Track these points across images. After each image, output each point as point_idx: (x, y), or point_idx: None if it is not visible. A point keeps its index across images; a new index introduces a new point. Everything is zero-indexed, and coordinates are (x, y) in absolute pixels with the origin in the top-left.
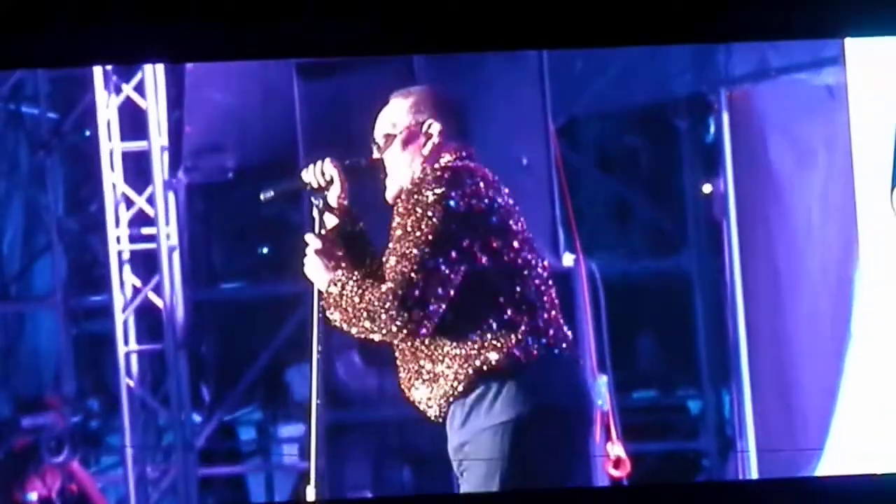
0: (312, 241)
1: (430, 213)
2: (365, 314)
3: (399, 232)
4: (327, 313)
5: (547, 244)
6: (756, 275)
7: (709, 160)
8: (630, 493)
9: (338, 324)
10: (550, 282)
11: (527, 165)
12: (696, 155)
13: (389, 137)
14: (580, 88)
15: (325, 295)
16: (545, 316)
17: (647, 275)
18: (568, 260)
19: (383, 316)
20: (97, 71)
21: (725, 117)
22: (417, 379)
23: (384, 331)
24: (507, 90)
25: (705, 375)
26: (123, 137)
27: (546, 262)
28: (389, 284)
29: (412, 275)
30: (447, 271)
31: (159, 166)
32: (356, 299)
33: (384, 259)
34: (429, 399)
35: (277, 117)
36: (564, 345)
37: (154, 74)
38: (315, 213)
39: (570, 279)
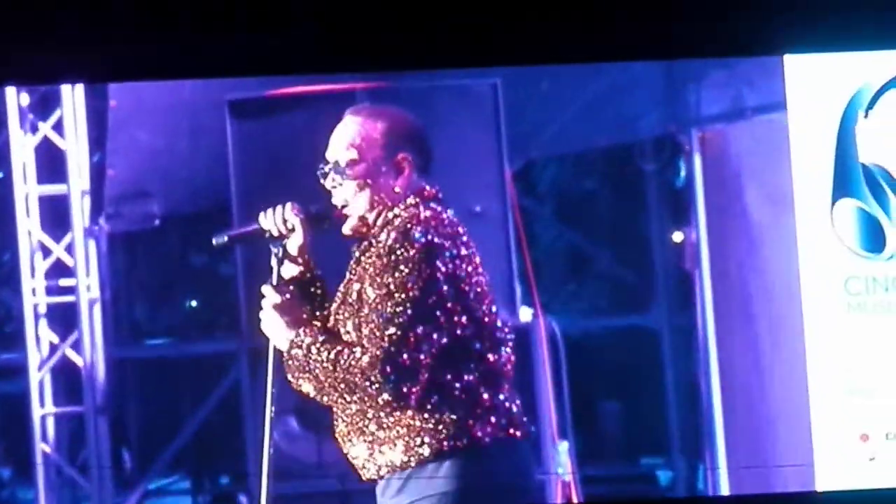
0: (270, 295)
1: (417, 272)
2: (344, 385)
3: (382, 291)
4: (289, 377)
5: (503, 299)
6: (731, 332)
7: (678, 206)
8: None
9: (304, 390)
10: (511, 347)
11: (480, 213)
12: (665, 201)
13: (352, 165)
14: (538, 129)
15: (287, 357)
16: (507, 387)
17: (612, 332)
18: (525, 316)
19: (370, 389)
20: (11, 107)
21: (697, 160)
22: (358, 437)
23: (368, 403)
24: (459, 129)
25: (676, 443)
26: (40, 180)
27: (507, 326)
28: (375, 352)
29: (401, 342)
30: (435, 337)
31: (79, 212)
32: (330, 367)
33: (354, 316)
34: (367, 460)
35: (208, 159)
36: (521, 424)
37: (74, 112)
38: (273, 262)
39: (527, 337)
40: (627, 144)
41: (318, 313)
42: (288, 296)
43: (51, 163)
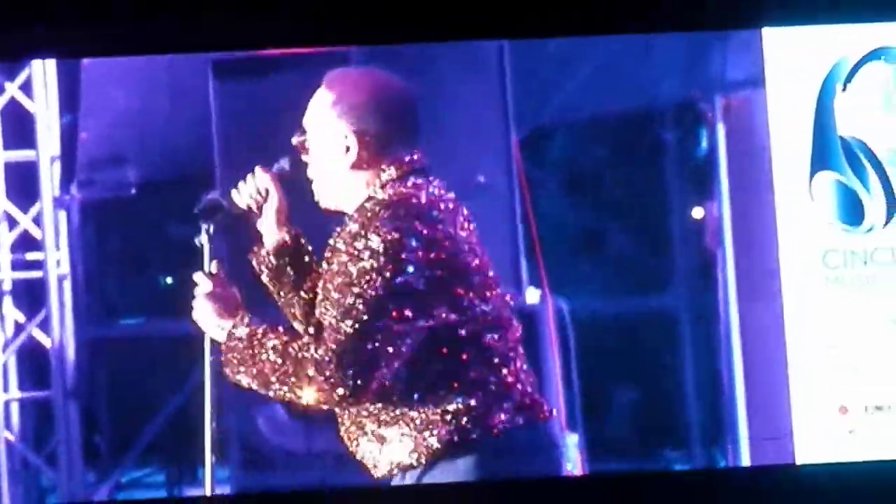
0: (202, 282)
1: (381, 262)
2: (294, 379)
3: (341, 279)
4: (227, 370)
5: (507, 278)
6: (756, 316)
7: (700, 179)
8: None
9: (245, 384)
10: (517, 323)
11: (483, 184)
12: (685, 173)
13: (315, 140)
14: (548, 93)
15: (224, 349)
16: (514, 368)
17: (626, 315)
18: (532, 296)
19: (325, 385)
20: None
21: (720, 128)
22: (362, 436)
23: (322, 397)
24: (461, 93)
25: (695, 436)
26: (6, 145)
27: (509, 297)
28: (331, 346)
29: (358, 335)
30: (401, 329)
31: (48, 180)
32: (279, 360)
33: (319, 303)
34: (377, 459)
35: (189, 122)
36: (537, 406)
37: (44, 71)
38: (204, 240)
39: (534, 319)
40: (644, 111)
41: (303, 281)
42: (221, 281)
43: (18, 126)
